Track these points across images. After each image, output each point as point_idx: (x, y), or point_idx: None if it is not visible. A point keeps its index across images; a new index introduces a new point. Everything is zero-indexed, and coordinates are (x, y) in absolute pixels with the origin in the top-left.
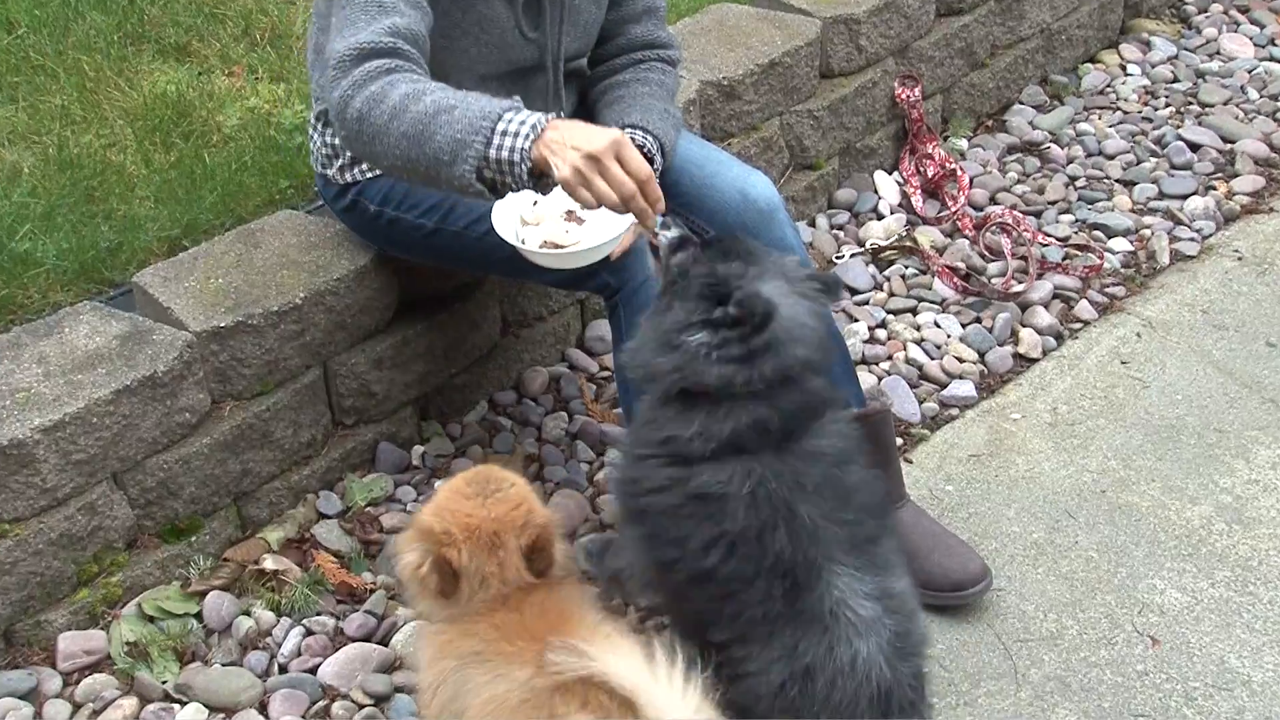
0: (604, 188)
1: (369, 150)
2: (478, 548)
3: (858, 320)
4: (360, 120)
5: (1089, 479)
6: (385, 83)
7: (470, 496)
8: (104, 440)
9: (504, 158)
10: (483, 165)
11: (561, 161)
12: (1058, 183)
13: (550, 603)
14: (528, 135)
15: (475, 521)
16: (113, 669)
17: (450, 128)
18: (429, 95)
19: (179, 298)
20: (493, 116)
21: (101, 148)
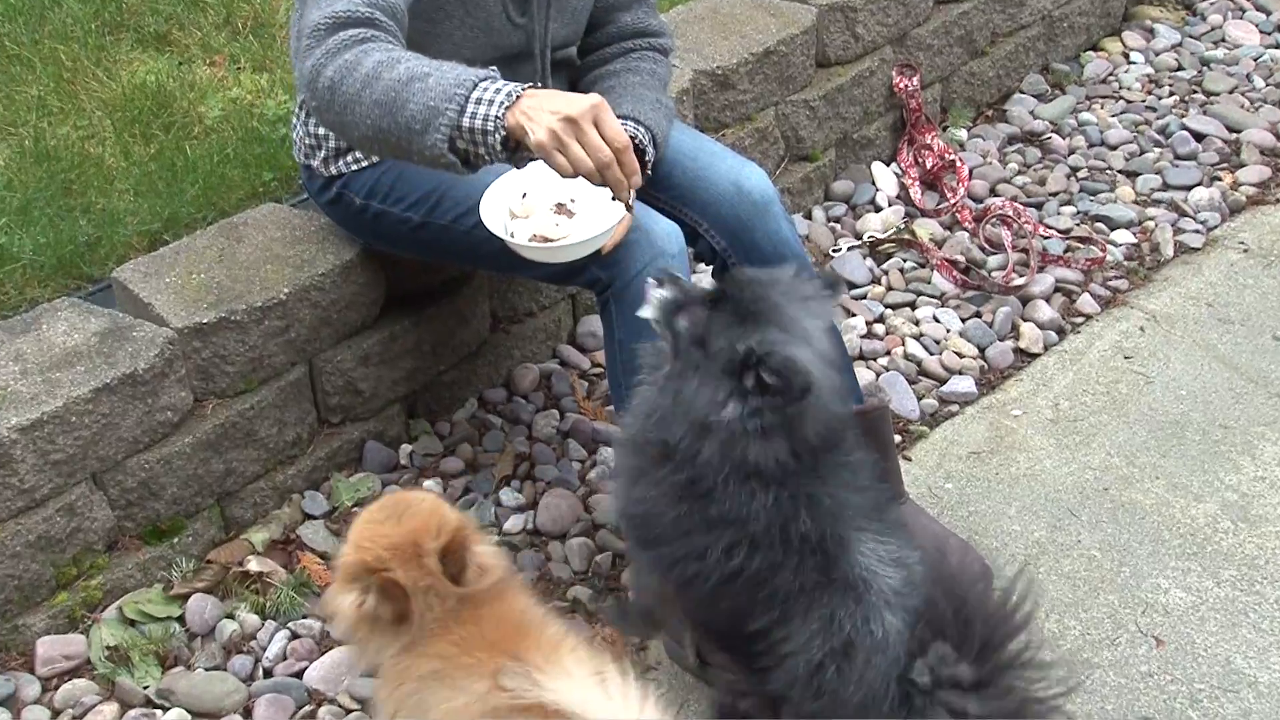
0: (580, 153)
1: (340, 120)
2: (407, 563)
3: (855, 315)
4: (332, 89)
5: (1091, 476)
6: (359, 51)
7: (383, 521)
8: (83, 440)
9: (477, 126)
10: (455, 135)
11: (537, 126)
12: (1059, 174)
13: (506, 612)
14: (502, 103)
15: (395, 539)
16: (93, 674)
17: (424, 95)
18: (403, 63)
19: (160, 293)
20: (467, 84)
21: (79, 139)
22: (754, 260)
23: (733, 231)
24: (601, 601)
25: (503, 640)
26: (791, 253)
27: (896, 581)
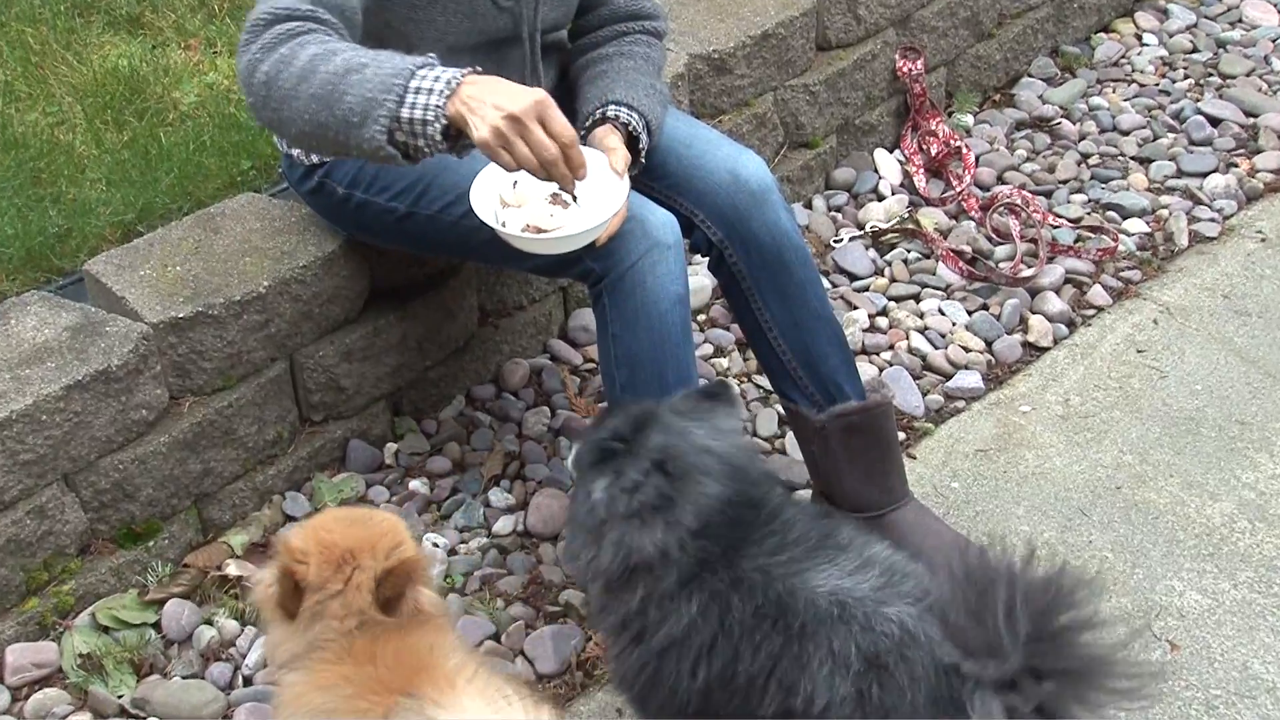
0: (524, 151)
1: (277, 116)
2: (326, 564)
3: (857, 308)
4: (268, 85)
5: (1103, 475)
6: (294, 45)
7: (336, 521)
8: (54, 439)
9: (416, 116)
10: (394, 127)
11: (480, 121)
12: (1069, 160)
13: (406, 652)
14: (442, 91)
15: (332, 539)
16: (65, 683)
17: (361, 87)
18: (339, 55)
19: (134, 287)
20: (405, 74)
21: (49, 126)
22: (752, 252)
23: (729, 222)
24: None
25: (397, 679)
26: (790, 244)
27: (874, 581)
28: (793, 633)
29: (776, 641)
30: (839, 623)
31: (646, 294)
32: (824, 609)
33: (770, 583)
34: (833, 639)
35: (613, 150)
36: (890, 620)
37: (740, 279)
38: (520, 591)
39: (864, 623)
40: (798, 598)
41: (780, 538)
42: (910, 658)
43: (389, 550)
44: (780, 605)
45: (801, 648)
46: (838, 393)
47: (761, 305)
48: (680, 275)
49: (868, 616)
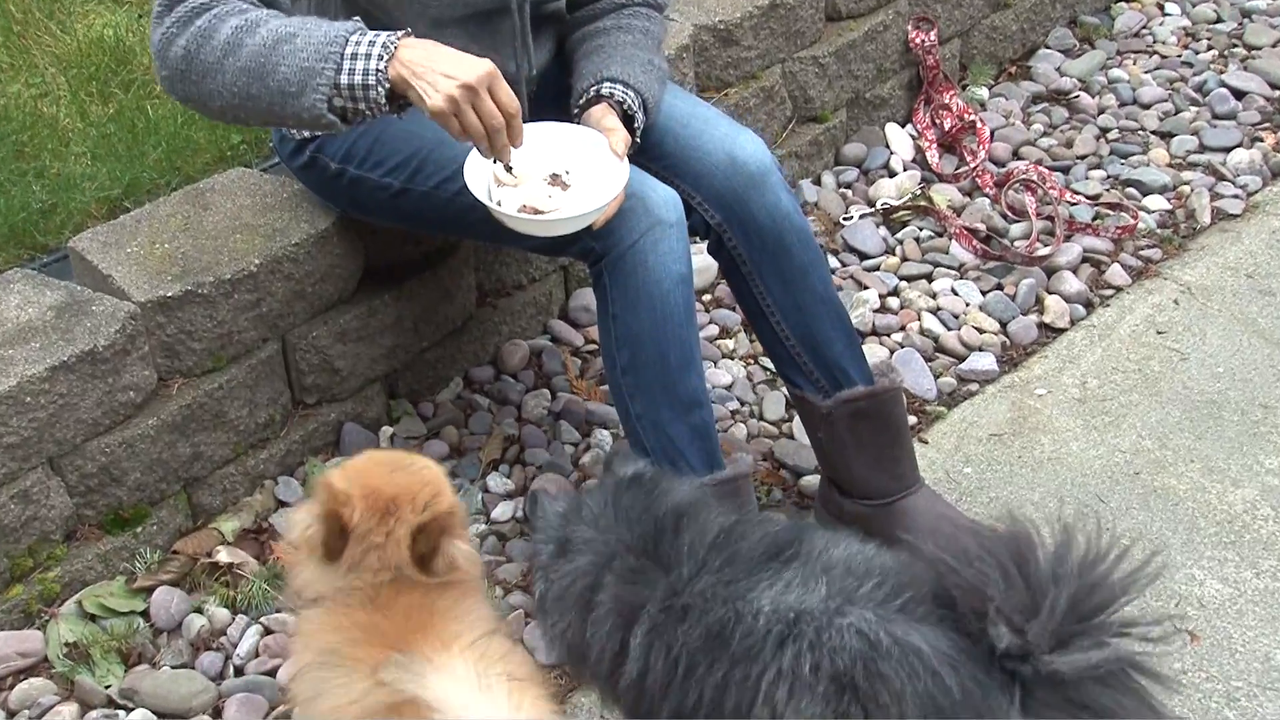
0: (474, 120)
1: (198, 90)
2: (371, 511)
3: (867, 288)
4: (188, 59)
5: (1121, 460)
6: (211, 17)
7: (378, 465)
8: (39, 421)
9: (357, 82)
10: (333, 94)
11: (431, 89)
12: (1088, 135)
13: (416, 609)
14: (380, 56)
15: (376, 484)
16: (51, 672)
17: (294, 57)
18: (263, 26)
19: (120, 265)
20: (339, 41)
21: (32, 98)
22: (751, 235)
23: (727, 205)
24: None
25: (398, 633)
26: (791, 226)
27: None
28: (731, 662)
29: (717, 673)
30: (785, 642)
31: (648, 273)
32: (762, 629)
33: (708, 609)
34: (781, 658)
35: (611, 131)
36: (845, 631)
37: (740, 263)
38: (520, 580)
39: (814, 638)
40: (732, 624)
41: (729, 553)
42: (882, 672)
43: (426, 503)
44: (716, 635)
45: (745, 671)
46: (843, 378)
47: (763, 289)
48: (683, 254)
49: (818, 631)
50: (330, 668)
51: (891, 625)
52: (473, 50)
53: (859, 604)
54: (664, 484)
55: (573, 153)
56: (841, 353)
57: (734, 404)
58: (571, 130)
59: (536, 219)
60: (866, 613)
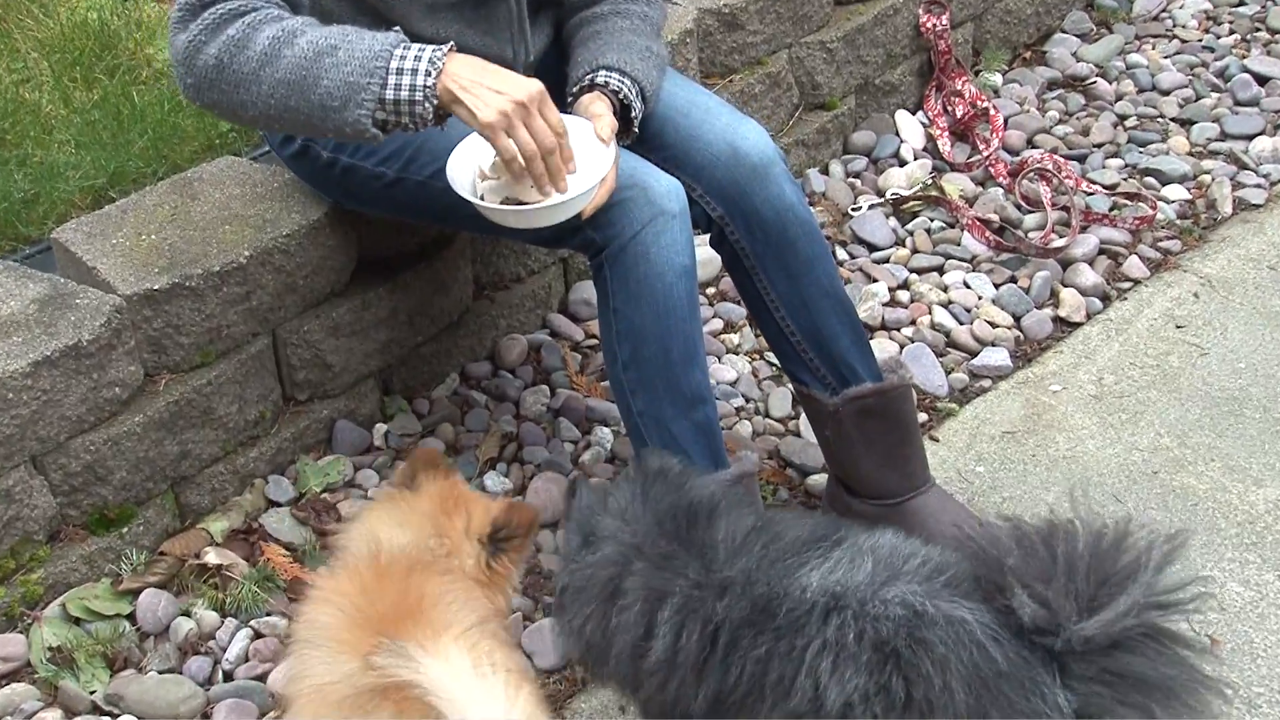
0: (527, 138)
1: (229, 100)
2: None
3: (876, 280)
4: (219, 68)
5: (1139, 459)
6: (245, 25)
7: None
8: (21, 418)
9: (404, 97)
10: (377, 109)
11: (482, 104)
12: (1105, 122)
13: (411, 595)
14: (428, 71)
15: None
16: (34, 678)
17: (337, 71)
18: (301, 37)
19: (105, 256)
20: (384, 55)
21: (13, 84)
22: (754, 228)
23: (730, 197)
24: None
25: (386, 618)
26: (795, 218)
27: (870, 568)
28: (777, 633)
29: (761, 645)
30: (830, 613)
31: (650, 265)
32: (810, 600)
33: (751, 586)
34: (826, 628)
35: (598, 116)
36: (890, 603)
37: (743, 256)
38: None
39: (858, 609)
40: (779, 599)
41: (763, 536)
42: (926, 639)
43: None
44: (762, 609)
45: (790, 643)
46: (850, 374)
47: (767, 284)
48: (686, 245)
49: (862, 602)
50: (314, 647)
51: (936, 599)
52: (468, 36)
53: (904, 579)
54: (693, 478)
55: None
56: (848, 348)
57: (739, 401)
58: None
59: (518, 210)
60: (913, 585)
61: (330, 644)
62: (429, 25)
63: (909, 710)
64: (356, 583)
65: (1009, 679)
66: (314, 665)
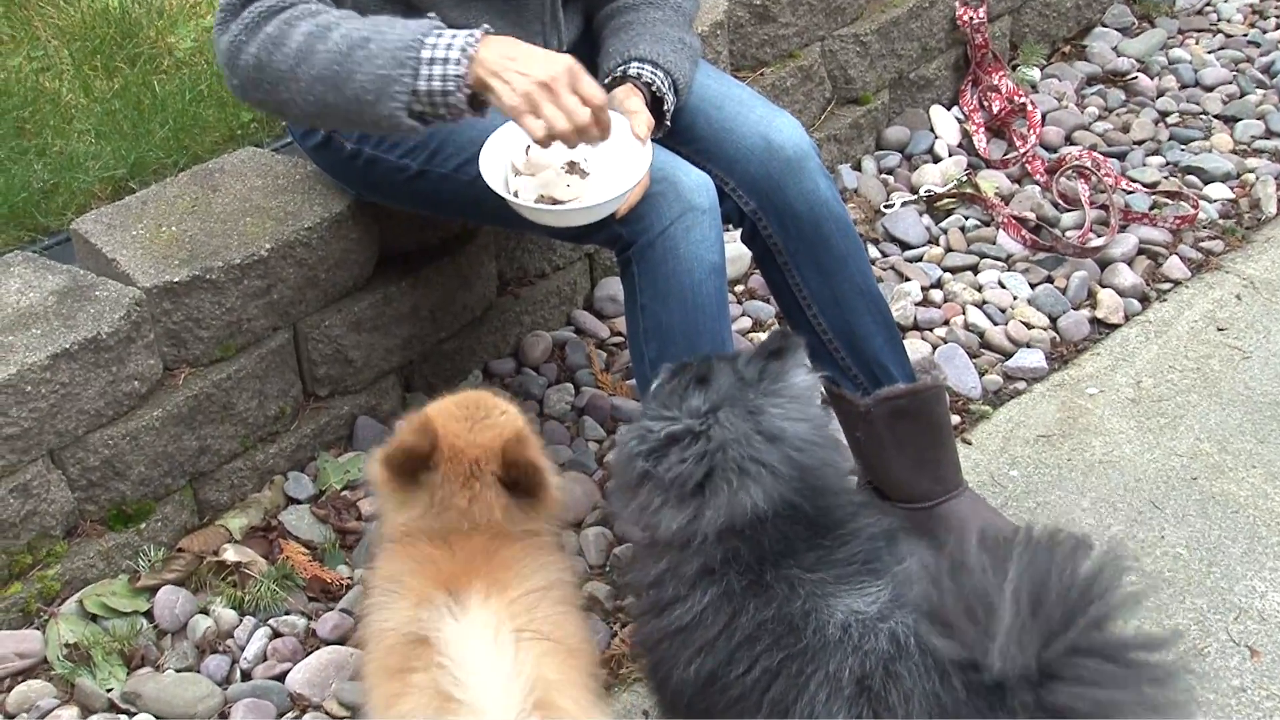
0: (555, 114)
1: (271, 98)
2: (454, 473)
3: (909, 279)
4: (259, 68)
5: (1178, 464)
6: (281, 22)
7: (457, 419)
8: (39, 412)
9: (436, 88)
10: (411, 100)
11: (509, 88)
12: (1146, 119)
13: (483, 555)
14: (458, 60)
15: (458, 445)
16: (50, 674)
17: (369, 64)
18: (335, 31)
19: (125, 248)
20: (414, 45)
21: (33, 72)
22: (788, 223)
23: (763, 192)
24: (621, 599)
25: (453, 572)
26: (829, 214)
27: (885, 596)
28: (792, 653)
29: (775, 657)
30: (838, 646)
31: (679, 262)
32: (830, 634)
33: (791, 599)
34: (830, 662)
35: (634, 114)
36: (880, 635)
37: (776, 252)
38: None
39: (857, 643)
40: (810, 620)
41: (824, 553)
42: (897, 672)
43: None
44: (789, 624)
45: (800, 668)
46: (883, 374)
47: (799, 280)
48: (716, 242)
49: (862, 636)
50: (387, 594)
51: (921, 625)
52: (499, 27)
53: (905, 608)
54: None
55: None
56: (881, 348)
57: None
58: None
59: (554, 209)
60: (907, 615)
61: (399, 590)
62: (459, 16)
63: None
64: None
65: (966, 706)
66: (383, 609)
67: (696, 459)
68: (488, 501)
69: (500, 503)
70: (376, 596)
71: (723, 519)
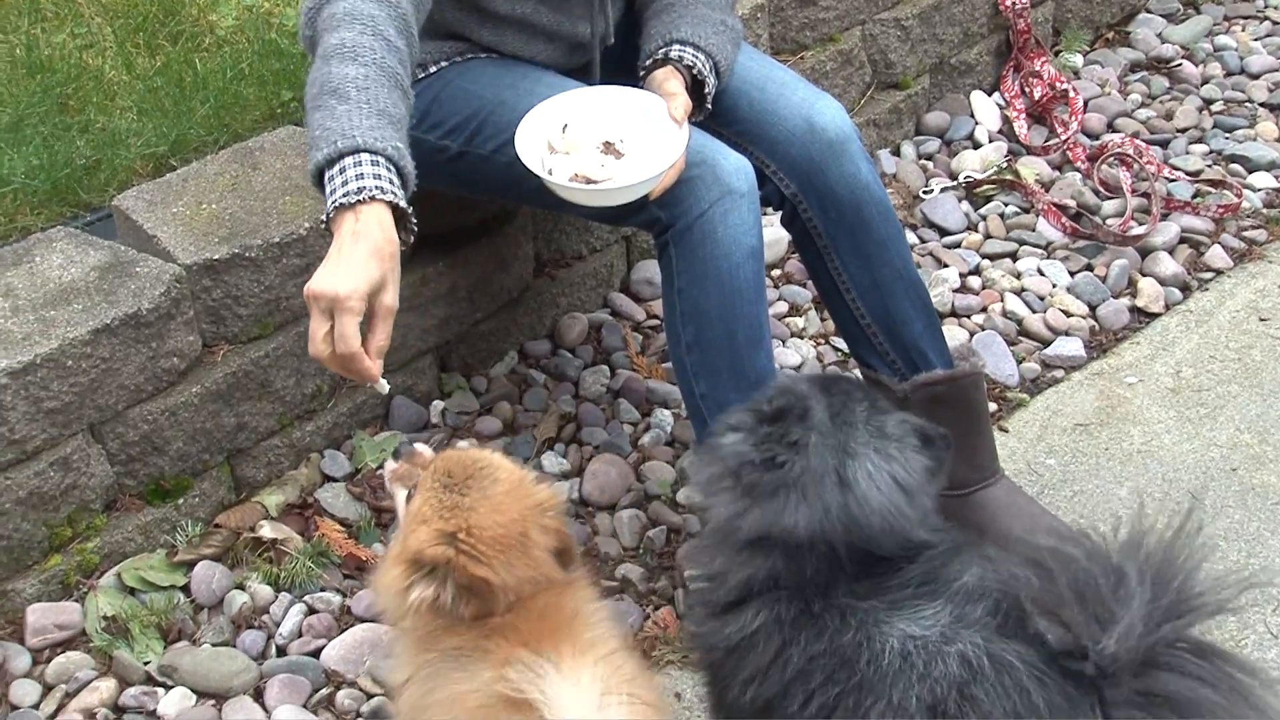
0: (318, 330)
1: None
2: (509, 553)
3: (947, 266)
4: (312, 40)
5: (1217, 455)
6: (331, 16)
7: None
8: (80, 386)
9: (326, 190)
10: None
11: (319, 274)
12: (1190, 107)
13: (555, 604)
14: (336, 204)
15: (491, 527)
16: (88, 646)
17: (322, 120)
18: (334, 61)
19: (166, 225)
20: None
21: (77, 49)
22: (828, 207)
23: (804, 174)
24: (654, 582)
25: (532, 632)
26: (870, 198)
27: (946, 619)
28: (847, 688)
29: (830, 693)
30: (899, 674)
31: (717, 245)
32: (888, 664)
33: (842, 630)
34: (893, 691)
35: (672, 96)
36: (950, 659)
37: (815, 236)
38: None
39: (923, 670)
40: (863, 651)
41: (877, 581)
42: (973, 695)
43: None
44: (841, 658)
45: (859, 701)
46: (921, 360)
47: (838, 265)
48: (754, 226)
49: (927, 663)
50: (454, 660)
51: (993, 645)
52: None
53: (971, 628)
54: None
55: (629, 119)
56: (920, 334)
57: None
58: (630, 95)
59: (588, 189)
60: (976, 636)
61: (472, 654)
62: (505, 3)
63: None
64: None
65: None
66: (452, 674)
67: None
68: (540, 560)
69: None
70: (437, 667)
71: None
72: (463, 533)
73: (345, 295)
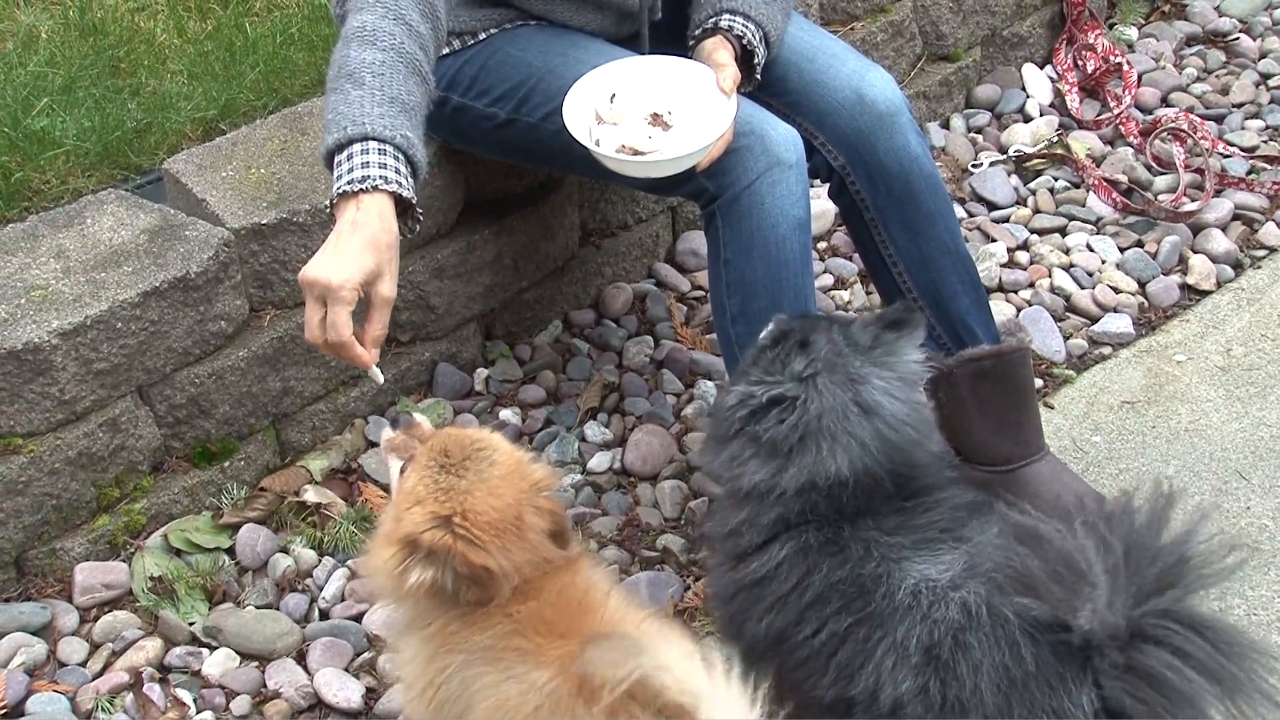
0: (312, 317)
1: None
2: (505, 536)
3: (995, 240)
4: (342, 16)
5: (1266, 434)
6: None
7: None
8: (129, 348)
9: (333, 174)
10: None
11: (315, 259)
12: (1246, 81)
13: (571, 589)
14: (342, 190)
15: (485, 510)
16: (135, 606)
17: (336, 102)
18: (359, 52)
19: (215, 189)
20: (342, 142)
21: (129, 12)
22: (877, 180)
23: (853, 146)
24: (695, 553)
25: (562, 621)
26: (920, 171)
27: (959, 565)
28: (861, 617)
29: (843, 622)
30: (908, 612)
31: (764, 216)
32: (900, 600)
33: (865, 560)
34: (899, 629)
35: (721, 67)
36: (952, 604)
37: (863, 209)
38: (615, 534)
39: (926, 611)
40: (881, 584)
41: (905, 518)
42: (967, 643)
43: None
44: (859, 586)
45: (868, 634)
46: (968, 335)
47: (886, 238)
48: (802, 197)
49: (932, 604)
50: (487, 663)
51: (994, 597)
52: None
53: (978, 578)
54: None
55: (678, 90)
56: (967, 308)
57: None
58: (679, 65)
59: (634, 159)
60: (980, 587)
61: (508, 655)
62: None
63: (944, 711)
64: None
65: (1036, 679)
66: (489, 680)
67: (792, 426)
68: (537, 542)
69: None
70: (471, 668)
71: (805, 477)
72: (458, 517)
73: (338, 285)
